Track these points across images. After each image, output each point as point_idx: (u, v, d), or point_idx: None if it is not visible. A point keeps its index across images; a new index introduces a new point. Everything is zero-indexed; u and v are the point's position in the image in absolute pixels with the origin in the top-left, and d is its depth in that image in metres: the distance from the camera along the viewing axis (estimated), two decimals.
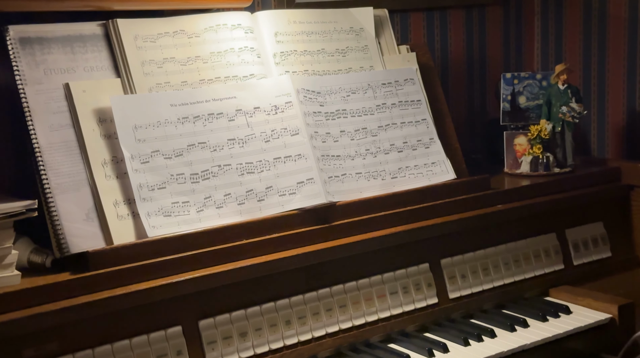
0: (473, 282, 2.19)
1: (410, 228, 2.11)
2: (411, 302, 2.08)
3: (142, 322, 1.70)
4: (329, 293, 1.97)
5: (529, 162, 2.45)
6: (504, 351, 1.96)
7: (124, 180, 1.81)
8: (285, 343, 1.88)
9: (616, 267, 2.42)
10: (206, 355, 1.77)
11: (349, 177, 2.12)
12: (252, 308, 1.86)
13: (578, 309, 2.17)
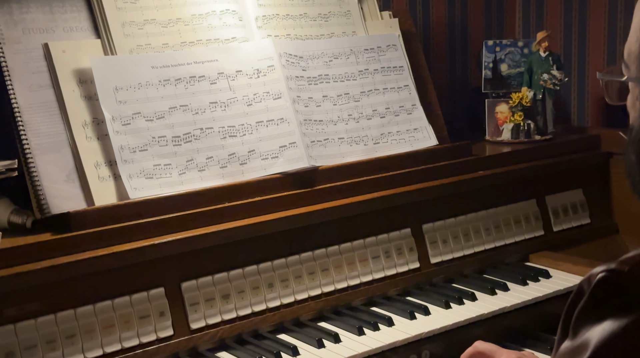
0: (454, 247, 2.21)
1: (392, 193, 2.11)
2: (393, 267, 2.10)
3: (124, 283, 1.70)
4: (311, 257, 1.98)
5: (510, 129, 2.47)
6: (485, 313, 1.98)
7: (105, 142, 1.79)
8: (267, 306, 1.88)
9: (595, 233, 2.45)
10: (189, 316, 1.77)
11: (332, 142, 2.11)
12: (234, 270, 1.86)
13: (557, 273, 2.20)
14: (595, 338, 0.98)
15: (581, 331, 1.02)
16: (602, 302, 1.00)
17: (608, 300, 0.99)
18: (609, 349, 0.97)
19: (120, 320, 1.67)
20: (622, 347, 0.97)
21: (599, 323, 0.99)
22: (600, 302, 1.00)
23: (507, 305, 2.01)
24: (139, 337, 1.69)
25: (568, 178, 2.45)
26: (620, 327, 0.97)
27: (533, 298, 2.06)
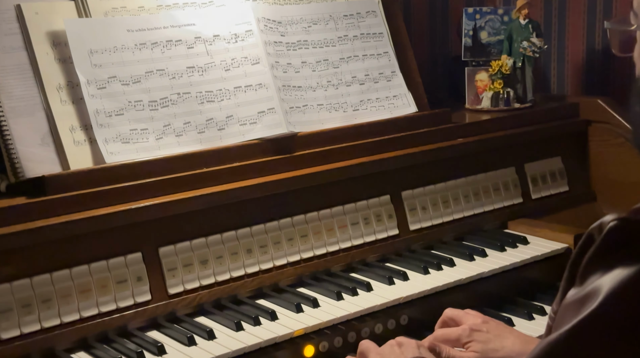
0: (433, 214, 2.21)
1: (371, 160, 2.11)
2: (372, 233, 2.10)
3: (101, 247, 1.69)
4: (290, 223, 1.97)
5: (490, 97, 2.47)
6: (463, 279, 1.99)
7: (80, 106, 1.77)
8: (246, 272, 1.88)
9: (573, 201, 2.47)
10: (167, 281, 1.76)
11: (310, 108, 2.10)
12: (212, 236, 1.85)
13: (535, 240, 2.21)
14: (606, 286, 0.97)
15: (589, 279, 1.01)
16: (613, 250, 0.99)
17: (619, 248, 0.99)
18: (620, 297, 0.96)
19: (97, 284, 1.66)
20: (634, 295, 0.96)
21: (608, 272, 0.98)
22: (611, 250, 1.00)
23: (485, 271, 2.02)
24: (117, 301, 1.68)
25: (547, 146, 2.46)
26: (631, 274, 0.96)
27: (511, 264, 2.07)
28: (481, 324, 1.68)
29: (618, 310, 0.96)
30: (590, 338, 0.96)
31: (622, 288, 0.96)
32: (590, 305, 0.97)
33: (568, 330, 0.98)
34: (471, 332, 1.67)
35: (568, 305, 1.02)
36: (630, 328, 0.95)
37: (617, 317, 0.96)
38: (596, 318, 0.96)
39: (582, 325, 0.97)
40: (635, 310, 0.95)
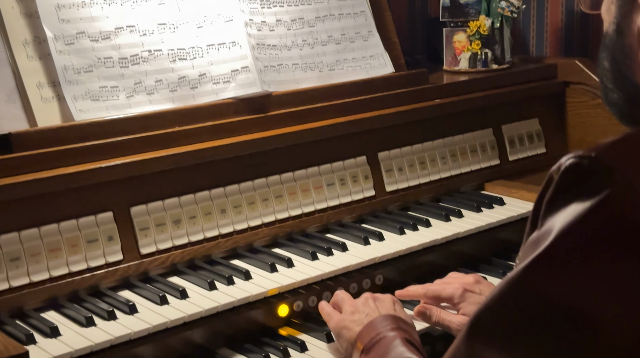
0: (410, 175, 2.20)
1: (347, 120, 2.09)
2: (348, 194, 2.08)
3: (70, 206, 1.66)
4: (265, 184, 1.95)
5: (468, 58, 2.44)
6: (438, 239, 1.98)
7: (48, 62, 1.73)
8: (220, 232, 1.86)
9: (550, 162, 2.38)
10: (139, 241, 1.74)
11: (285, 68, 2.07)
12: (186, 196, 1.83)
13: (512, 201, 2.21)
14: (558, 224, 0.97)
15: (547, 220, 1.01)
16: (569, 188, 0.99)
17: (575, 185, 0.99)
18: (571, 234, 0.96)
19: (67, 243, 1.63)
20: (585, 231, 0.96)
21: (564, 209, 0.98)
22: (568, 188, 0.99)
23: (461, 231, 2.02)
24: (87, 261, 1.66)
25: (524, 107, 2.45)
26: (584, 209, 0.96)
27: (487, 225, 2.07)
28: (474, 284, 1.70)
29: (569, 247, 0.96)
30: (543, 274, 0.97)
31: (574, 223, 0.96)
32: (545, 242, 0.98)
33: (523, 268, 0.99)
34: (464, 292, 1.68)
35: (527, 247, 1.03)
36: (580, 264, 0.96)
37: (567, 253, 0.96)
38: (548, 254, 0.97)
39: (535, 261, 0.98)
40: (586, 246, 0.96)
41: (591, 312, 0.93)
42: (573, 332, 0.94)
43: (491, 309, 1.02)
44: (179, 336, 1.61)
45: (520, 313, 0.98)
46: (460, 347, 1.05)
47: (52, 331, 1.49)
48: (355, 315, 1.57)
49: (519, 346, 0.98)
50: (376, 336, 1.45)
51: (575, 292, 0.95)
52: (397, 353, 1.35)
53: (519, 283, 0.99)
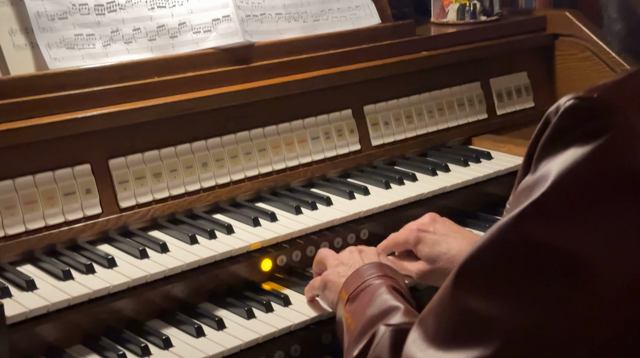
0: (396, 129, 2.16)
1: (332, 72, 2.04)
2: (333, 148, 2.04)
3: (46, 158, 1.61)
4: (247, 137, 1.91)
5: (456, 10, 2.39)
6: (425, 193, 1.95)
7: (20, 7, 1.66)
8: (202, 186, 1.82)
9: (538, 116, 2.35)
10: (118, 195, 1.70)
11: (268, 18, 2.01)
12: (166, 149, 1.78)
13: (499, 155, 2.17)
14: (555, 168, 0.93)
15: (542, 163, 0.96)
16: (568, 130, 0.94)
17: (575, 128, 0.94)
18: (570, 179, 0.92)
19: (43, 196, 1.59)
20: (585, 176, 0.92)
21: (562, 153, 0.94)
22: (566, 130, 0.95)
23: (448, 185, 1.99)
24: (64, 214, 1.62)
25: (513, 60, 2.41)
26: (584, 153, 0.91)
27: (474, 179, 2.04)
28: (428, 224, 1.66)
29: (566, 193, 0.92)
30: (538, 221, 0.93)
31: (572, 169, 0.92)
32: (540, 187, 0.93)
33: (517, 214, 0.94)
34: (418, 233, 1.65)
35: (520, 192, 0.98)
36: (578, 211, 0.92)
37: (564, 199, 0.92)
38: (544, 201, 0.93)
39: (530, 207, 0.93)
40: (584, 192, 0.92)
41: (587, 260, 0.90)
42: (567, 280, 0.91)
43: (480, 257, 0.98)
44: (160, 290, 1.58)
45: (512, 260, 0.95)
46: (445, 296, 1.01)
47: (28, 284, 1.45)
48: (339, 267, 1.54)
49: (509, 294, 0.94)
50: (362, 284, 1.43)
51: (571, 239, 0.91)
52: (382, 301, 1.32)
53: (511, 230, 0.95)
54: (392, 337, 1.13)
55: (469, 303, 0.97)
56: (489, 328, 0.94)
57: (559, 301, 0.91)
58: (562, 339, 0.92)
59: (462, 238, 1.62)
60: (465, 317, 0.97)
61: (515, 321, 0.93)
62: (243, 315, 1.56)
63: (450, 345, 0.98)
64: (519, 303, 0.93)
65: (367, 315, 1.30)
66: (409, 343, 1.04)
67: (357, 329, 1.29)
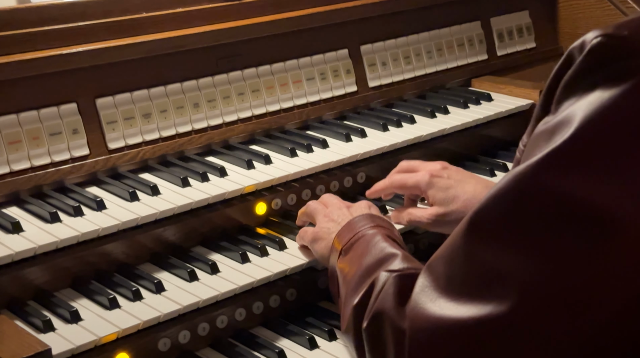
0: (394, 70, 2.10)
1: (327, 9, 1.97)
2: (329, 89, 1.98)
3: (29, 96, 1.55)
4: (240, 77, 1.84)
5: None
6: (423, 135, 1.90)
7: None
8: (193, 127, 1.76)
9: (540, 57, 2.37)
10: (106, 135, 1.64)
11: None
12: (155, 88, 1.71)
13: (500, 97, 2.12)
14: (581, 111, 0.86)
15: (564, 104, 0.89)
16: (595, 69, 0.87)
17: (602, 67, 0.87)
18: (595, 125, 0.85)
19: (28, 136, 1.53)
20: (612, 121, 0.85)
21: (587, 95, 0.87)
22: (593, 69, 0.87)
23: (447, 127, 1.94)
24: (51, 155, 1.56)
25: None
26: (612, 96, 0.85)
27: (473, 121, 1.99)
28: (441, 170, 1.60)
29: (592, 139, 0.85)
30: (560, 169, 0.87)
31: (598, 114, 0.85)
32: (563, 133, 0.87)
33: (537, 161, 0.88)
34: (431, 178, 1.58)
35: (539, 135, 0.91)
36: (604, 160, 0.85)
37: (590, 147, 0.86)
38: (568, 147, 0.86)
39: (552, 154, 0.87)
40: (611, 140, 0.85)
41: (612, 212, 0.84)
42: (590, 233, 0.85)
43: (495, 205, 0.91)
44: (151, 234, 1.53)
45: (530, 211, 0.88)
46: (457, 244, 0.96)
47: (13, 226, 1.40)
48: (329, 223, 1.48)
49: (527, 247, 0.88)
50: (355, 235, 1.37)
51: (595, 190, 0.85)
52: (378, 249, 1.27)
53: (530, 178, 0.88)
54: (396, 284, 1.08)
55: (483, 255, 0.92)
56: (504, 283, 0.89)
57: (581, 255, 0.86)
58: (583, 296, 0.86)
59: (477, 183, 1.57)
60: (479, 268, 0.92)
61: (533, 276, 0.87)
62: (237, 259, 1.52)
63: (462, 297, 0.93)
64: (538, 257, 0.88)
65: (363, 264, 1.25)
66: (417, 291, 0.99)
67: (353, 279, 1.24)
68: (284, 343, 1.44)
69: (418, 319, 0.97)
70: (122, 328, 1.31)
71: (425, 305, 0.96)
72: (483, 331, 0.90)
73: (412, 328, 0.98)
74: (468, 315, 0.91)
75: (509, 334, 0.89)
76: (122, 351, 1.33)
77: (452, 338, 0.93)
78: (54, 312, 1.33)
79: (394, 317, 1.03)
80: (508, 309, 0.88)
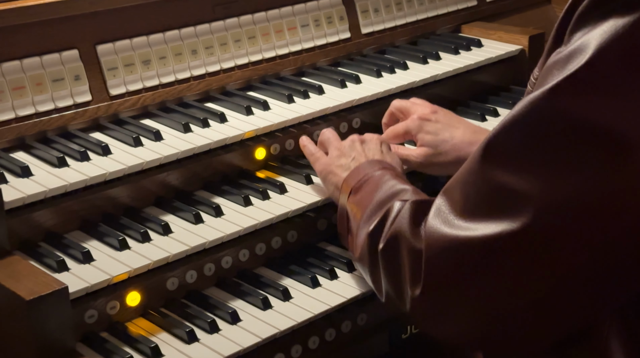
0: (386, 17, 2.12)
1: None
2: (323, 36, 2.00)
3: (32, 43, 1.56)
4: (237, 24, 1.86)
5: None
6: (416, 81, 1.93)
7: None
8: (192, 74, 1.78)
9: (528, 3, 2.39)
10: (107, 82, 1.66)
11: None
12: (154, 35, 1.73)
13: (489, 42, 2.15)
14: (594, 40, 0.89)
15: (577, 34, 0.92)
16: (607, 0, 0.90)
17: None
18: (610, 51, 0.88)
19: (32, 82, 1.54)
20: (626, 48, 0.88)
21: (600, 24, 0.90)
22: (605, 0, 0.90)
23: (439, 73, 1.97)
24: (54, 101, 1.57)
25: None
26: (626, 24, 0.88)
27: (465, 66, 2.02)
28: (430, 114, 1.64)
29: (607, 65, 0.89)
30: (574, 94, 0.90)
31: (612, 41, 0.88)
32: (578, 60, 0.90)
33: (552, 86, 0.91)
34: (420, 122, 1.63)
35: (553, 64, 0.95)
36: (618, 85, 0.89)
37: (605, 71, 0.89)
38: (584, 72, 0.90)
39: (567, 80, 0.90)
40: (627, 64, 0.89)
41: (626, 134, 0.88)
42: (604, 154, 0.89)
43: (510, 130, 0.95)
44: (154, 178, 1.57)
45: (545, 134, 0.92)
46: (473, 169, 0.99)
47: (23, 171, 1.43)
48: (342, 158, 1.52)
49: (542, 168, 0.92)
50: (364, 177, 1.41)
51: (610, 114, 0.88)
52: (389, 186, 1.31)
53: (545, 103, 0.91)
54: (412, 209, 1.11)
55: (498, 177, 0.95)
56: (520, 202, 0.93)
57: (594, 175, 0.90)
58: (596, 213, 0.91)
59: (466, 128, 1.61)
60: (494, 190, 0.95)
61: (548, 194, 0.91)
62: (240, 202, 1.56)
63: (477, 217, 0.97)
64: (552, 176, 0.92)
65: (375, 199, 1.29)
66: (432, 214, 1.03)
67: (366, 212, 1.28)
68: (287, 282, 1.49)
69: (434, 239, 1.01)
70: (133, 268, 1.35)
71: (440, 226, 1.00)
72: (498, 247, 0.94)
73: (427, 248, 1.02)
74: (482, 233, 0.95)
75: (524, 249, 0.93)
76: (134, 290, 1.38)
77: (466, 255, 0.97)
78: (66, 253, 1.37)
79: (410, 238, 1.06)
80: (523, 225, 0.92)
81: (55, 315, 1.22)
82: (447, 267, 1.00)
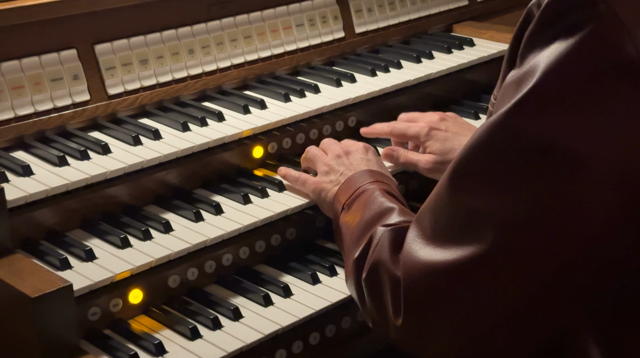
0: (379, 16, 2.14)
1: None
2: (317, 35, 2.02)
3: (30, 42, 1.56)
4: (232, 23, 1.87)
5: None
6: (411, 80, 1.95)
7: None
8: (189, 73, 1.79)
9: (518, 2, 2.41)
10: (105, 81, 1.66)
11: None
12: (151, 34, 1.73)
13: (481, 42, 2.18)
14: (542, 62, 0.94)
15: (528, 57, 0.97)
16: (552, 23, 0.95)
17: (558, 20, 0.94)
18: (556, 72, 0.93)
19: (30, 81, 1.54)
20: (572, 67, 0.93)
21: (547, 47, 0.94)
22: (550, 23, 0.95)
23: (433, 72, 1.99)
24: (53, 100, 1.58)
25: None
26: (569, 46, 0.92)
27: (458, 65, 2.05)
28: (439, 122, 1.67)
29: (555, 85, 0.93)
30: (528, 113, 0.94)
31: (559, 61, 0.93)
32: (528, 82, 0.94)
33: (507, 109, 0.96)
34: (430, 131, 1.65)
35: (507, 86, 0.99)
36: (567, 102, 0.93)
37: (553, 91, 0.94)
38: (534, 94, 0.94)
39: (520, 102, 0.95)
40: (572, 84, 0.93)
41: (577, 150, 0.92)
42: (558, 169, 0.93)
43: (473, 154, 0.99)
44: (154, 177, 1.57)
45: (503, 155, 0.96)
46: (441, 195, 1.03)
47: (24, 170, 1.43)
48: (330, 175, 1.53)
49: (502, 187, 0.96)
50: (355, 191, 1.43)
51: (561, 130, 0.93)
52: (378, 204, 1.33)
53: (502, 125, 0.96)
54: (390, 237, 1.16)
55: (464, 201, 0.99)
56: (483, 223, 0.97)
57: (550, 188, 0.93)
58: (555, 226, 0.94)
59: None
60: (461, 214, 1.00)
61: (507, 210, 0.95)
62: (239, 200, 1.57)
63: (447, 242, 1.01)
64: (510, 193, 0.95)
65: (363, 219, 1.31)
66: (408, 241, 1.07)
67: (355, 233, 1.30)
68: (287, 279, 1.50)
69: (410, 266, 1.05)
70: (135, 265, 1.36)
71: (415, 253, 1.05)
72: (468, 270, 0.98)
73: (405, 275, 1.06)
74: (453, 258, 0.99)
75: (492, 270, 0.97)
76: (136, 287, 1.39)
77: (440, 280, 1.01)
78: (69, 251, 1.38)
79: (390, 265, 1.11)
80: (488, 246, 0.96)
81: (60, 312, 1.22)
82: (424, 292, 1.04)
